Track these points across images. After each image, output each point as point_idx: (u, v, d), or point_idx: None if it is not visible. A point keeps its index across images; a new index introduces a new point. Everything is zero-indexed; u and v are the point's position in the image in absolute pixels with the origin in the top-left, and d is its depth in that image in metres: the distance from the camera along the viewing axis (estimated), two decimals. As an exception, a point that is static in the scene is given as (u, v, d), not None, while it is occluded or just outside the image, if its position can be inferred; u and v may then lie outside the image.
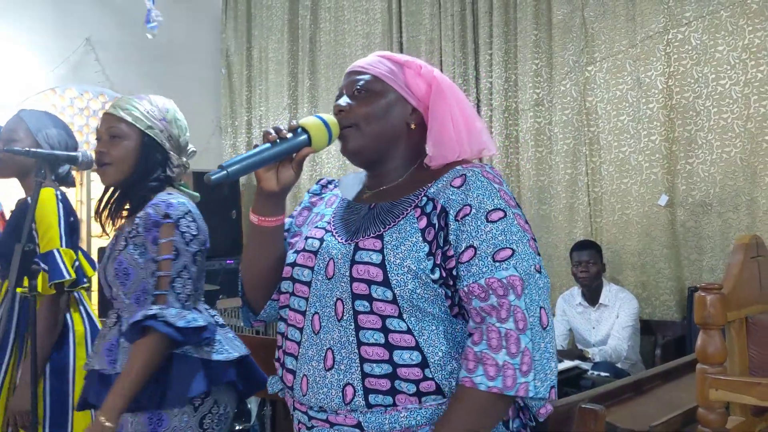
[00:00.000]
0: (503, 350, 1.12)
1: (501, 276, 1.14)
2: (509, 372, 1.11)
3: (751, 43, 3.56)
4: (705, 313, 1.79)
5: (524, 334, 1.12)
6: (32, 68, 4.60)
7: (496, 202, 1.18)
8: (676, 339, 3.73)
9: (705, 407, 1.78)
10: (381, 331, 1.17)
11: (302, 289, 1.27)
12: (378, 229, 1.23)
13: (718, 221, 3.68)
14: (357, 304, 1.18)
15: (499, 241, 1.16)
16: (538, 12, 4.30)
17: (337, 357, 1.19)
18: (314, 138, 1.24)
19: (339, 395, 1.18)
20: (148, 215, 1.70)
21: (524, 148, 4.36)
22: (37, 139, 2.23)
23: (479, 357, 1.12)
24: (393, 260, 1.18)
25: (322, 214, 1.39)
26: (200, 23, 5.67)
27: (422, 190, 1.26)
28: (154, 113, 1.79)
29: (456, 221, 1.18)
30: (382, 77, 1.31)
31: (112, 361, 1.69)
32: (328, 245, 1.26)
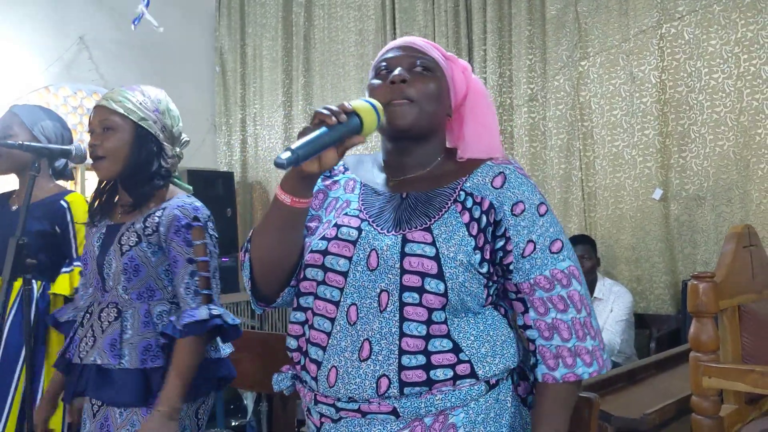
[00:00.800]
0: (588, 337, 1.23)
1: (562, 267, 1.23)
2: (598, 354, 1.24)
3: (744, 36, 3.57)
4: (698, 302, 1.80)
5: (592, 317, 1.25)
6: (25, 67, 4.58)
7: (539, 197, 1.27)
8: (670, 332, 3.75)
9: (699, 395, 1.80)
10: (425, 323, 1.18)
11: (336, 279, 1.24)
12: (424, 222, 1.23)
13: (712, 215, 3.70)
14: (405, 296, 1.18)
15: (551, 234, 1.24)
16: (531, 7, 4.31)
17: (375, 348, 1.18)
18: (365, 123, 1.18)
19: (372, 386, 1.17)
20: (177, 217, 1.71)
21: (519, 144, 4.36)
22: (33, 132, 2.22)
23: (574, 351, 1.22)
24: (446, 253, 1.19)
25: (347, 200, 1.34)
26: (194, 21, 5.65)
27: (457, 184, 1.27)
28: (146, 104, 1.79)
29: (514, 216, 1.23)
30: (441, 62, 1.32)
31: (116, 356, 1.68)
32: (367, 235, 1.24)
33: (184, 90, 5.31)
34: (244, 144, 5.65)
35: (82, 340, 1.75)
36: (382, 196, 1.32)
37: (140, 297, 1.73)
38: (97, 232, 1.81)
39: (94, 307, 1.78)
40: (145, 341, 1.69)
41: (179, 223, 1.71)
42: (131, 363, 1.67)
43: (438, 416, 1.19)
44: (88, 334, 1.75)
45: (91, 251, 1.80)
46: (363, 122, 1.17)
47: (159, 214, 1.74)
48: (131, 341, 1.69)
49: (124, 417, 1.69)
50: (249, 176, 5.61)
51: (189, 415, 1.75)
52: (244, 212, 5.46)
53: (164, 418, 1.62)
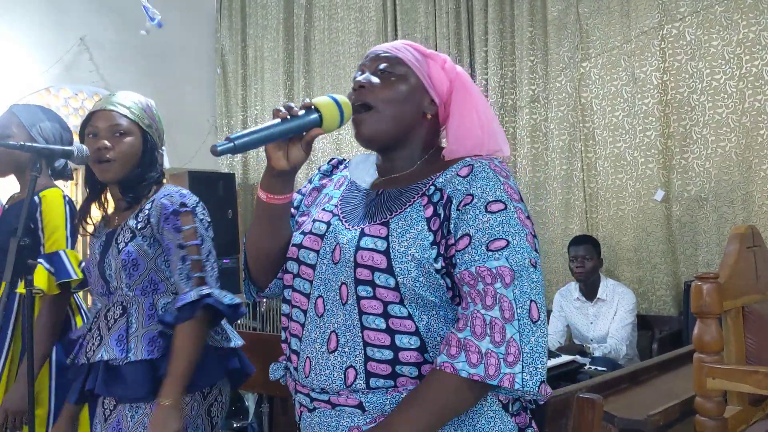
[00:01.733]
0: (487, 338, 1.11)
1: (491, 265, 1.13)
2: (492, 360, 1.10)
3: (746, 37, 3.57)
4: (701, 302, 1.79)
5: (510, 324, 1.11)
6: (26, 68, 4.58)
7: (498, 194, 1.18)
8: (672, 333, 3.74)
9: (702, 396, 1.79)
10: (382, 317, 1.18)
11: (307, 272, 1.27)
12: (384, 216, 1.23)
13: (714, 216, 3.69)
14: (360, 289, 1.19)
15: (495, 232, 1.15)
16: (533, 9, 4.30)
17: (341, 340, 1.19)
18: (326, 118, 1.20)
19: (341, 377, 1.19)
20: (164, 206, 1.72)
21: (520, 145, 4.36)
22: (31, 133, 2.20)
23: (462, 343, 1.11)
24: (397, 248, 1.18)
25: (330, 196, 1.38)
26: (195, 22, 5.66)
27: (430, 179, 1.26)
28: (148, 112, 1.82)
29: (457, 210, 1.18)
30: (407, 61, 1.30)
31: (122, 350, 1.68)
32: (335, 230, 1.26)
33: (185, 91, 5.32)
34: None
35: (89, 342, 1.76)
36: (361, 193, 1.33)
37: (144, 292, 1.74)
38: (97, 241, 1.83)
39: (100, 311, 1.79)
40: (150, 333, 1.70)
41: (167, 211, 1.72)
42: (137, 355, 1.67)
43: None
44: (94, 335, 1.76)
45: (93, 259, 1.81)
46: (323, 116, 1.19)
47: (148, 206, 1.76)
48: (137, 334, 1.70)
49: (136, 419, 1.69)
50: (250, 177, 5.61)
51: (201, 414, 1.74)
52: (245, 213, 5.45)
53: (169, 410, 1.61)
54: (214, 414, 1.78)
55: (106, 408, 1.74)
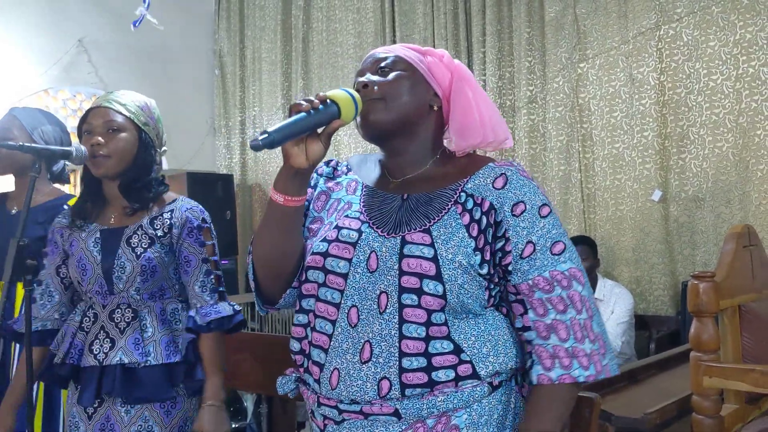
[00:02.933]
0: (587, 339, 1.19)
1: (563, 269, 1.20)
2: (596, 358, 1.19)
3: (743, 38, 3.58)
4: (698, 301, 1.80)
5: (593, 320, 1.21)
6: (25, 69, 4.58)
7: (541, 198, 1.24)
8: (670, 333, 3.75)
9: (699, 394, 1.80)
10: (425, 325, 1.18)
11: (337, 281, 1.23)
12: (423, 224, 1.23)
13: (711, 216, 3.70)
14: (404, 297, 1.18)
15: (552, 235, 1.22)
16: (530, 10, 4.31)
17: (375, 350, 1.18)
18: (343, 110, 1.20)
19: (374, 389, 1.17)
20: (189, 219, 1.80)
21: (519, 145, 4.37)
22: (32, 136, 2.20)
23: (571, 352, 1.19)
24: (445, 255, 1.18)
25: (348, 201, 1.34)
26: (193, 24, 5.66)
27: (458, 185, 1.26)
28: (146, 110, 1.83)
29: (514, 217, 1.21)
30: (406, 58, 1.31)
31: (142, 354, 1.70)
32: (367, 237, 1.24)
33: (183, 93, 5.32)
34: (243, 146, 5.65)
35: (93, 343, 1.73)
36: (383, 197, 1.31)
37: (152, 297, 1.77)
38: (89, 237, 1.79)
39: (95, 310, 1.77)
40: (165, 338, 1.74)
41: (192, 225, 1.80)
42: (157, 359, 1.71)
43: (440, 417, 1.19)
44: (100, 336, 1.74)
45: (89, 256, 1.77)
46: (340, 108, 1.19)
47: (168, 216, 1.79)
48: (153, 338, 1.73)
49: (133, 414, 1.70)
50: (248, 179, 5.62)
51: (194, 407, 1.79)
52: (243, 215, 5.46)
53: (218, 411, 1.75)
54: None
55: (87, 405, 1.73)
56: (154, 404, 1.72)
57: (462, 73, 1.33)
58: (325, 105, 1.19)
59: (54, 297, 1.85)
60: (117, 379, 1.69)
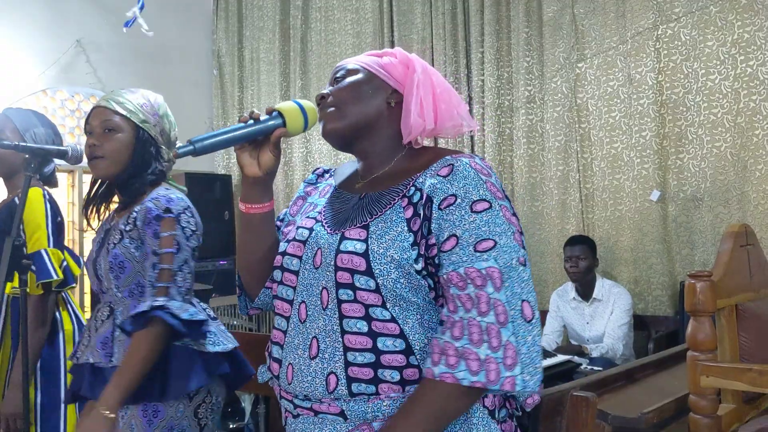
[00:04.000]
0: (485, 344, 1.10)
1: (480, 267, 1.12)
2: (492, 366, 1.09)
3: (741, 38, 3.58)
4: (695, 300, 1.80)
5: (505, 327, 1.10)
6: (23, 70, 4.58)
7: (481, 193, 1.17)
8: (668, 333, 3.75)
9: (696, 394, 1.79)
10: (364, 320, 1.17)
11: (290, 278, 1.27)
12: (364, 219, 1.23)
13: (710, 216, 3.70)
14: (341, 293, 1.18)
15: (482, 232, 1.14)
16: (529, 10, 4.31)
17: (322, 345, 1.19)
18: (289, 121, 1.26)
19: (323, 384, 1.18)
20: (149, 209, 1.70)
21: (517, 145, 4.37)
22: (24, 138, 2.21)
23: (461, 352, 1.10)
24: (376, 250, 1.17)
25: (315, 203, 1.39)
26: (191, 24, 5.66)
27: (411, 180, 1.25)
28: (147, 107, 1.81)
29: (440, 210, 1.17)
30: (359, 64, 1.34)
31: (107, 354, 1.68)
32: (316, 235, 1.27)
33: (181, 93, 5.31)
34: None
35: (82, 341, 1.77)
36: (345, 197, 1.33)
37: (131, 294, 1.73)
38: (97, 237, 1.83)
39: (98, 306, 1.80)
40: None
41: (150, 215, 1.70)
42: (119, 360, 1.66)
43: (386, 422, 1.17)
44: (85, 335, 1.76)
45: (90, 256, 1.81)
46: (285, 120, 1.26)
47: (137, 209, 1.74)
48: (120, 338, 1.69)
49: (126, 419, 1.68)
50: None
51: (187, 416, 1.71)
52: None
53: (99, 417, 1.55)
54: (202, 415, 1.74)
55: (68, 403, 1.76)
56: (137, 413, 1.66)
57: (413, 64, 1.33)
58: (271, 116, 1.26)
59: None
60: (86, 379, 1.69)
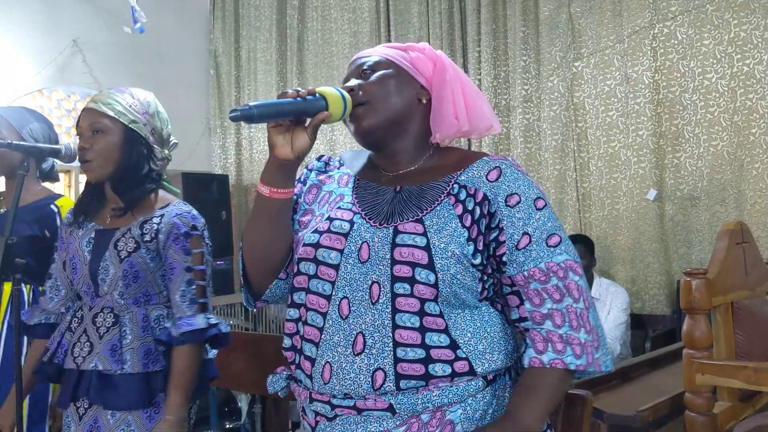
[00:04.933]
0: (582, 329, 1.18)
1: (559, 261, 1.19)
2: (589, 349, 1.17)
3: (737, 36, 3.58)
4: (690, 298, 1.80)
5: (591, 312, 1.20)
6: (19, 70, 4.57)
7: (536, 192, 1.24)
8: (665, 332, 3.75)
9: (692, 392, 1.79)
10: (418, 315, 1.17)
11: (328, 272, 1.22)
12: (416, 214, 1.22)
13: (706, 214, 3.70)
14: (397, 286, 1.17)
15: (548, 228, 1.21)
16: (525, 8, 4.31)
17: (369, 341, 1.16)
18: (331, 105, 1.20)
19: (368, 381, 1.16)
20: (176, 225, 1.74)
21: (514, 145, 4.37)
22: (21, 134, 2.20)
23: (565, 339, 1.17)
24: (437, 244, 1.18)
25: (340, 194, 1.33)
26: (188, 24, 5.65)
27: (452, 177, 1.26)
28: (136, 107, 1.79)
29: (508, 207, 1.21)
30: (387, 57, 1.32)
31: (117, 362, 1.67)
32: (359, 228, 1.24)
33: (178, 93, 5.31)
34: (238, 147, 5.64)
35: (75, 345, 1.73)
36: (375, 189, 1.31)
37: (137, 302, 1.73)
38: (84, 236, 1.78)
39: (83, 311, 1.76)
40: (145, 345, 1.70)
41: (178, 231, 1.73)
42: (134, 368, 1.67)
43: (435, 413, 1.18)
44: (81, 339, 1.73)
45: (80, 255, 1.77)
46: (328, 104, 1.20)
47: (157, 221, 1.74)
48: (132, 346, 1.69)
49: (117, 417, 1.68)
50: (244, 179, 5.61)
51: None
52: (238, 215, 5.45)
53: (173, 426, 1.65)
54: (192, 416, 1.82)
55: (80, 406, 1.73)
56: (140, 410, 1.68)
57: (442, 62, 1.33)
58: (314, 96, 1.19)
59: (61, 291, 1.86)
60: (92, 385, 1.68)
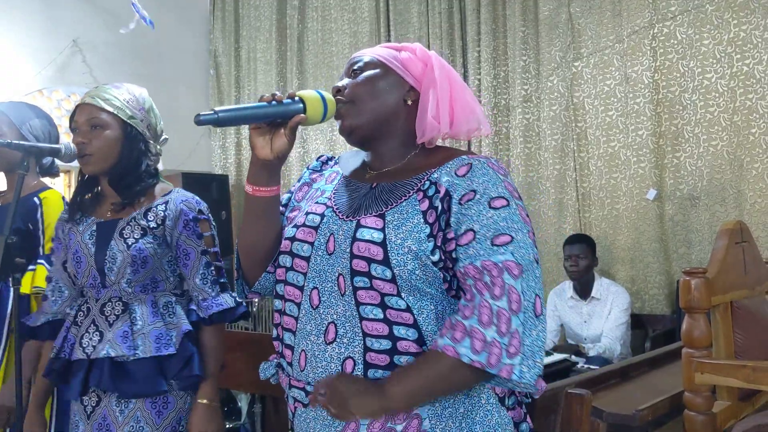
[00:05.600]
0: (493, 327, 1.11)
1: (497, 260, 1.14)
2: (495, 350, 1.11)
3: (737, 36, 3.58)
4: (690, 297, 1.80)
5: (516, 315, 1.12)
6: (19, 70, 4.57)
7: (500, 191, 1.20)
8: (665, 332, 3.75)
9: (691, 391, 1.79)
10: (380, 307, 1.18)
11: (301, 264, 1.27)
12: (380, 208, 1.24)
13: (706, 214, 3.70)
14: (356, 280, 1.19)
15: (499, 227, 1.16)
16: (525, 8, 4.32)
17: (340, 331, 1.19)
18: (309, 109, 1.23)
19: (338, 368, 1.18)
20: (183, 211, 1.77)
21: (513, 144, 4.37)
22: (21, 131, 2.20)
23: (468, 330, 1.12)
24: (394, 240, 1.18)
25: (323, 190, 1.38)
26: (188, 24, 5.65)
27: (425, 174, 1.26)
28: (133, 103, 1.80)
29: (459, 204, 1.19)
30: (378, 58, 1.33)
31: (130, 347, 1.69)
32: (328, 221, 1.27)
33: (178, 93, 5.31)
34: (238, 147, 5.65)
35: (83, 336, 1.73)
36: (354, 186, 1.34)
37: (144, 289, 1.75)
38: (85, 231, 1.79)
39: (89, 304, 1.77)
40: (156, 330, 1.72)
41: (187, 217, 1.77)
42: (146, 352, 1.69)
43: None
44: (90, 330, 1.73)
45: (84, 248, 1.77)
46: (306, 107, 1.23)
47: (162, 207, 1.77)
48: (143, 331, 1.71)
49: (126, 414, 1.69)
50: (243, 179, 5.60)
51: (188, 407, 1.77)
52: (238, 215, 5.44)
53: (211, 408, 1.73)
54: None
55: (87, 405, 1.73)
56: (145, 404, 1.69)
57: (432, 64, 1.33)
58: (293, 101, 1.23)
59: (64, 292, 1.86)
60: (105, 373, 1.68)
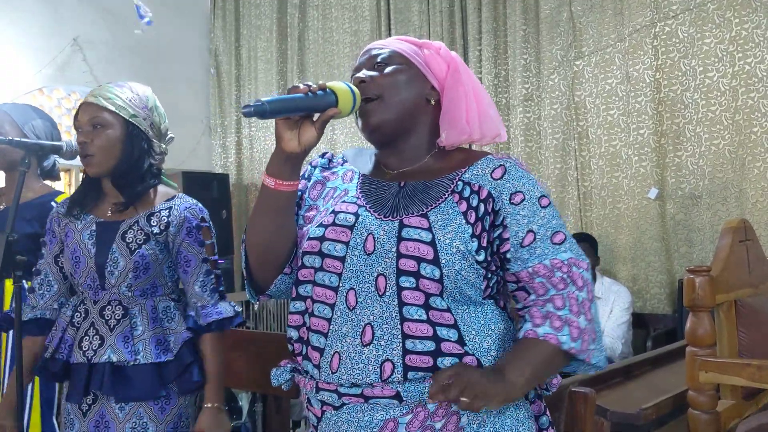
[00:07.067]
0: (583, 316, 1.19)
1: (563, 258, 1.20)
2: (586, 336, 1.18)
3: (738, 35, 3.57)
4: (694, 296, 1.79)
5: (593, 304, 1.22)
6: (19, 68, 4.56)
7: (540, 190, 1.24)
8: (667, 331, 3.74)
9: (695, 390, 1.79)
10: (423, 308, 1.17)
11: (335, 264, 1.23)
12: (421, 209, 1.23)
13: (708, 213, 3.69)
14: (402, 280, 1.18)
15: (552, 226, 1.22)
16: (526, 7, 4.31)
17: (377, 332, 1.17)
18: (341, 100, 1.19)
19: (376, 371, 1.17)
20: (187, 219, 1.78)
21: (514, 144, 4.36)
22: (24, 131, 2.20)
23: (564, 319, 1.18)
24: (442, 239, 1.18)
25: (345, 189, 1.33)
26: (189, 23, 5.64)
27: (456, 175, 1.26)
28: (136, 101, 1.79)
29: (512, 205, 1.21)
30: (402, 52, 1.31)
31: (131, 352, 1.68)
32: (364, 220, 1.24)
33: (178, 92, 5.30)
34: (239, 146, 5.64)
35: (82, 339, 1.72)
36: (379, 184, 1.31)
37: (144, 294, 1.75)
38: (84, 229, 1.77)
39: (86, 305, 1.75)
40: (155, 336, 1.72)
41: (190, 224, 1.78)
42: (146, 358, 1.69)
43: (442, 402, 1.17)
44: (89, 333, 1.72)
45: (83, 248, 1.76)
46: (338, 99, 1.19)
47: (165, 213, 1.77)
48: (143, 337, 1.70)
49: (127, 411, 1.69)
50: (244, 178, 5.60)
51: (190, 404, 1.79)
52: (239, 214, 5.45)
53: (218, 412, 1.75)
54: (199, 403, 1.84)
55: (83, 402, 1.72)
56: (147, 401, 1.70)
57: (457, 66, 1.33)
58: (324, 92, 1.18)
59: (53, 287, 1.84)
60: (106, 378, 1.68)
